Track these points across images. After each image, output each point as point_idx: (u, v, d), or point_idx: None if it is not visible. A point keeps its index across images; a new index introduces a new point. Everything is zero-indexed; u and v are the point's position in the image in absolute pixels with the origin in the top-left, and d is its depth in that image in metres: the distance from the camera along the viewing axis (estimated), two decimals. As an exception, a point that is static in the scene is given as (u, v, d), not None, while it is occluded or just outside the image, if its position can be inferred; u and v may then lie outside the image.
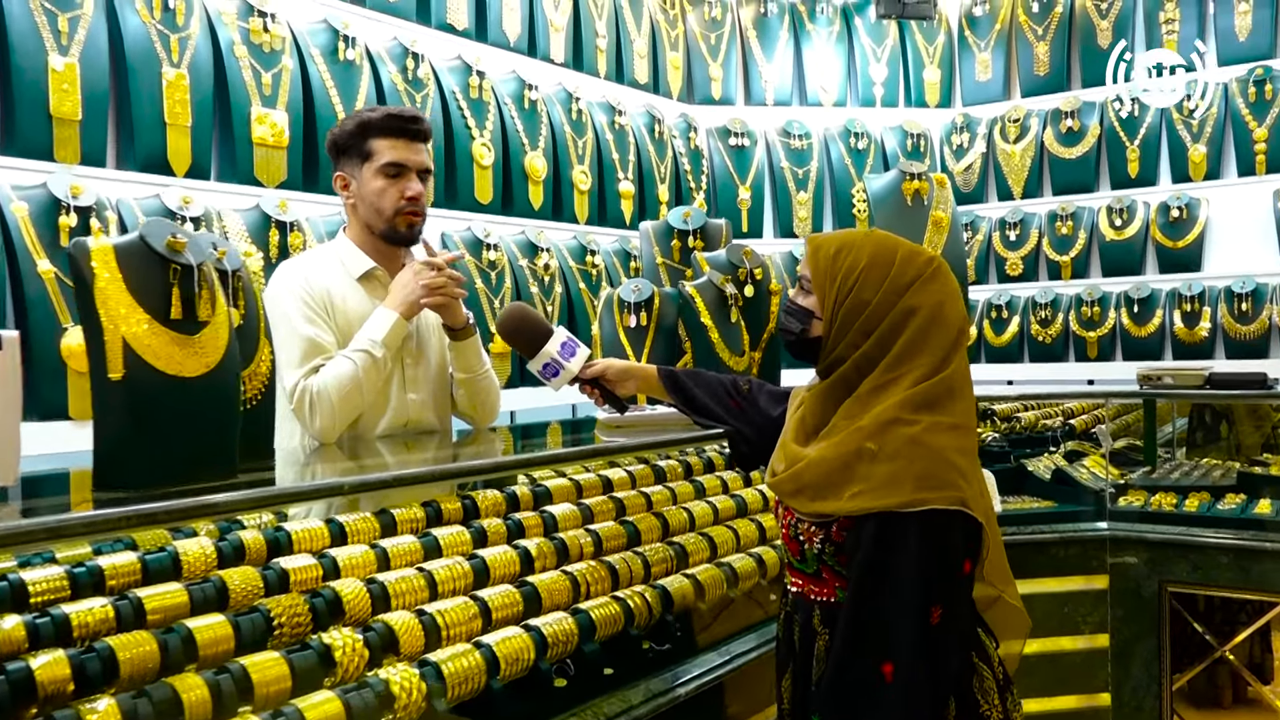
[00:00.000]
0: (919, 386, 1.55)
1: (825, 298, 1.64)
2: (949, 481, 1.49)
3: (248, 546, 1.84)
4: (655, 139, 5.16)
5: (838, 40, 5.98)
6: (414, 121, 2.31)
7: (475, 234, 4.03)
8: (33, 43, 2.80)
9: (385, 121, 2.28)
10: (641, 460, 2.75)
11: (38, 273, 2.69)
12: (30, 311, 2.68)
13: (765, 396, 2.20)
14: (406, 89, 3.87)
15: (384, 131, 2.28)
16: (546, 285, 4.24)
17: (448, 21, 4.19)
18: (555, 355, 2.23)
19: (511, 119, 4.33)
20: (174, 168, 3.10)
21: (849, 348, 1.60)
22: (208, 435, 1.55)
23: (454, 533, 2.01)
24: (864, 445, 1.54)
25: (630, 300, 3.07)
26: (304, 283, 2.28)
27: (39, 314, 2.68)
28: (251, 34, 3.34)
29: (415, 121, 2.32)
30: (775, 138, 5.76)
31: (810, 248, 1.73)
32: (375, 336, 2.26)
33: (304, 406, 2.22)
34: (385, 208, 2.29)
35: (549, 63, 4.68)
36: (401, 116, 2.30)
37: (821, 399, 1.68)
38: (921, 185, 3.92)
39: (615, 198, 4.87)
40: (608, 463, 2.70)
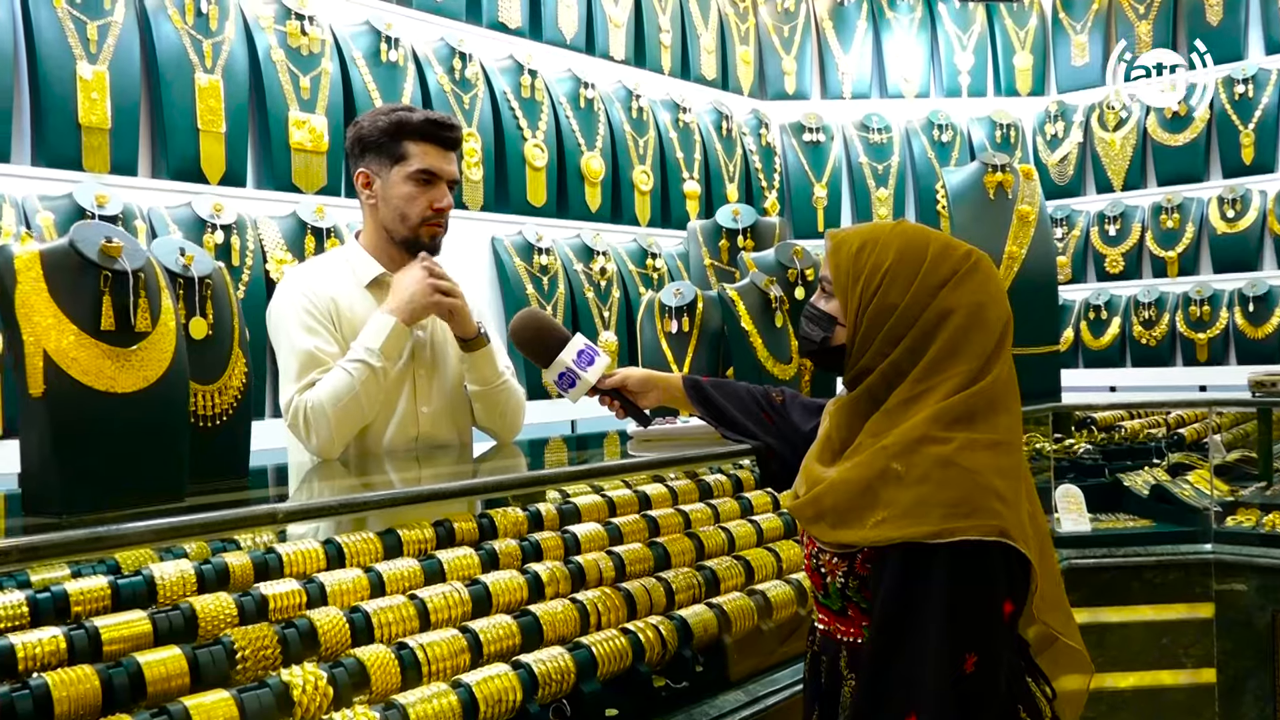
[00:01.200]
0: (953, 399, 1.38)
1: (848, 301, 1.47)
2: (985, 508, 1.31)
3: (233, 570, 1.72)
4: (723, 137, 4.96)
5: (920, 28, 5.67)
6: (451, 129, 2.19)
7: (526, 238, 3.90)
8: (61, 52, 2.77)
9: (423, 126, 2.15)
10: (689, 474, 2.57)
11: (62, 284, 2.64)
12: (54, 323, 2.63)
13: (799, 409, 2.01)
14: (454, 90, 3.77)
15: (420, 135, 2.15)
16: (603, 290, 4.08)
17: (499, 20, 4.07)
18: (571, 364, 2.06)
19: (566, 119, 4.19)
20: (207, 175, 3.04)
21: (876, 357, 1.44)
22: (148, 456, 1.43)
23: (461, 556, 1.86)
24: (889, 466, 1.37)
25: (671, 305, 2.88)
26: (307, 290, 2.17)
27: (63, 325, 2.64)
28: (289, 37, 3.28)
29: (452, 130, 2.20)
30: (853, 132, 5.49)
31: (830, 245, 1.55)
32: (372, 344, 2.12)
33: (299, 423, 2.10)
34: (411, 215, 2.17)
35: (608, 60, 4.52)
36: (440, 123, 2.17)
37: (847, 414, 1.51)
38: (1005, 177, 3.64)
39: (680, 198, 4.68)
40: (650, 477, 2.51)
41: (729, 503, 2.46)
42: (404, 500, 1.53)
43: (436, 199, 2.18)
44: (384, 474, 2.18)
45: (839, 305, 1.48)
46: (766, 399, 2.04)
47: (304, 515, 1.37)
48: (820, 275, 1.58)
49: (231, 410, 1.73)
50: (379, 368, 2.11)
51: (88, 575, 1.66)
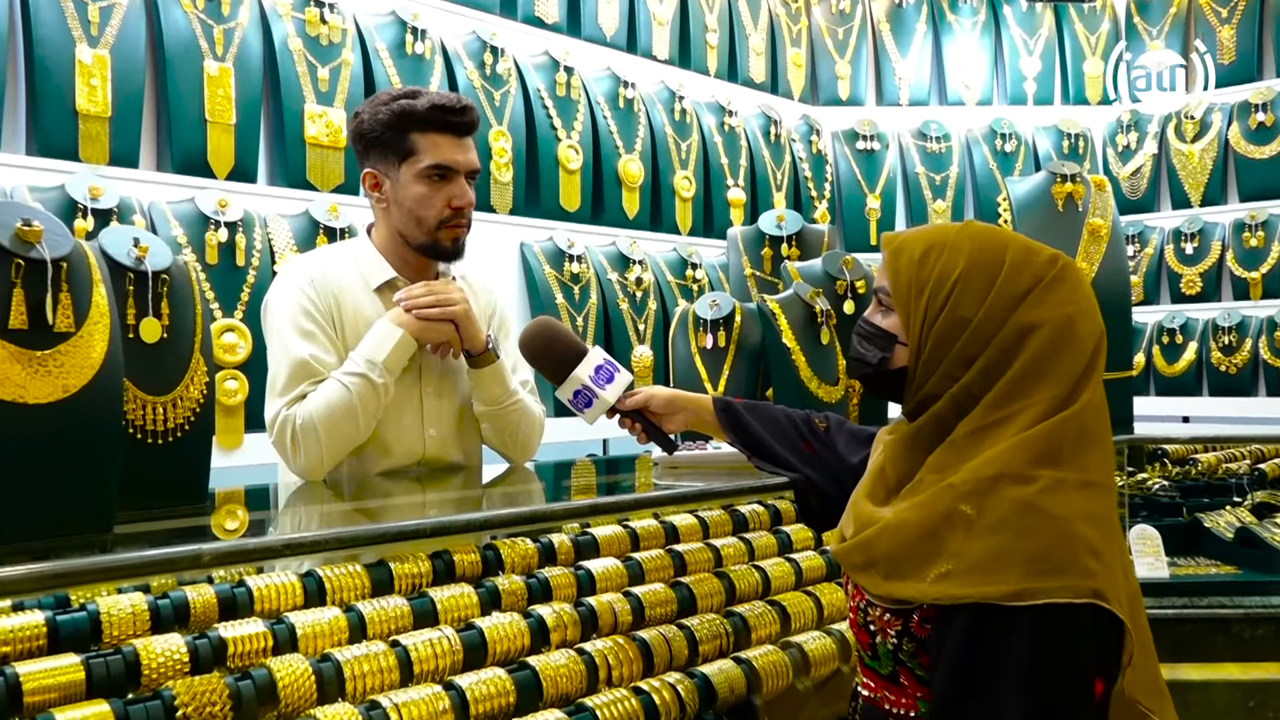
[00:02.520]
0: (1035, 429, 1.17)
1: (910, 316, 1.27)
2: (1076, 564, 1.11)
3: (193, 606, 1.49)
4: (771, 142, 4.70)
5: (983, 31, 5.37)
6: (463, 113, 1.94)
7: (557, 244, 3.66)
8: (59, 34, 2.59)
9: (430, 114, 1.91)
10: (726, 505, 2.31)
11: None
12: (39, 323, 2.45)
13: (845, 438, 1.77)
14: (484, 85, 3.55)
15: (428, 125, 1.91)
16: (638, 301, 3.83)
17: (536, 15, 3.86)
18: (587, 381, 1.82)
19: (604, 119, 3.96)
20: (214, 169, 2.85)
21: (943, 381, 1.24)
22: (68, 480, 1.21)
23: (457, 594, 1.61)
24: (957, 508, 1.17)
25: (707, 317, 2.62)
26: (307, 287, 1.94)
27: (49, 326, 2.45)
28: (308, 25, 3.09)
29: (464, 113, 1.94)
30: (910, 141, 5.20)
31: (888, 251, 1.34)
32: (374, 357, 1.89)
33: (284, 440, 1.88)
34: (428, 218, 1.93)
35: (650, 59, 4.29)
36: (449, 107, 1.92)
37: (906, 445, 1.30)
38: (1075, 188, 3.38)
39: (723, 206, 4.42)
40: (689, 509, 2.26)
41: (765, 537, 2.19)
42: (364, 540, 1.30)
43: (454, 196, 1.94)
44: (373, 501, 1.95)
45: (899, 321, 1.29)
46: (808, 425, 1.81)
47: (235, 558, 1.14)
48: (876, 286, 1.36)
49: (188, 425, 1.51)
50: (380, 383, 1.88)
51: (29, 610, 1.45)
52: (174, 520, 1.46)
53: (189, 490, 1.52)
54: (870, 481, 1.38)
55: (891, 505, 1.27)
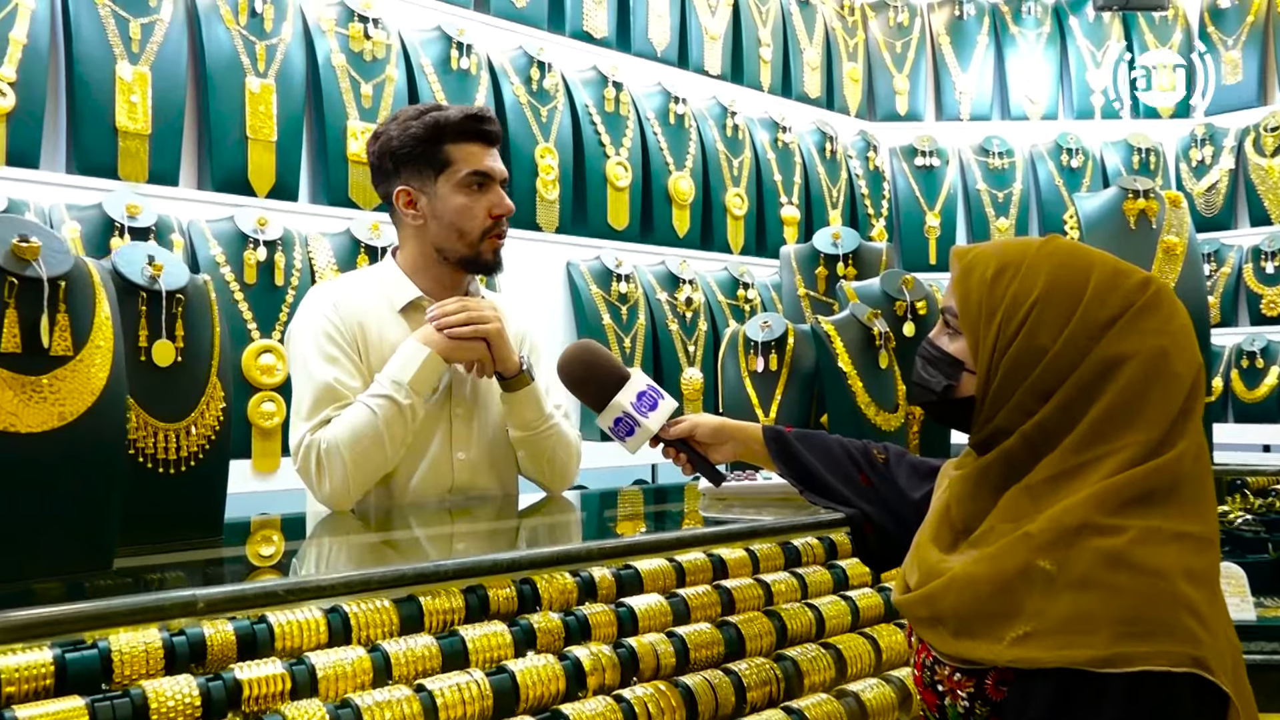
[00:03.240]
0: (1125, 475, 1.05)
1: (980, 341, 1.15)
2: (1173, 626, 0.99)
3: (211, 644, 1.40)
4: (826, 159, 4.56)
5: (1048, 43, 5.18)
6: (492, 122, 1.91)
7: (604, 263, 3.56)
8: (100, 51, 2.56)
9: (464, 124, 1.86)
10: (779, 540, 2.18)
11: (85, 300, 2.41)
12: (74, 343, 2.40)
13: (906, 471, 1.64)
14: (530, 101, 3.47)
15: (462, 135, 1.86)
16: (688, 322, 3.72)
17: (584, 29, 3.78)
18: (629, 408, 1.71)
19: (654, 135, 3.86)
20: (255, 187, 2.80)
21: (1016, 415, 1.12)
22: (64, 513, 1.12)
23: (490, 633, 1.50)
24: (1035, 563, 1.05)
25: (758, 339, 2.49)
26: (330, 312, 1.88)
27: (84, 346, 2.40)
28: (351, 41, 3.03)
29: (493, 121, 1.91)
30: (971, 156, 5.02)
31: (958, 267, 1.21)
32: (401, 378, 1.81)
33: (309, 466, 1.80)
34: (471, 229, 1.87)
35: (702, 74, 4.19)
36: (480, 116, 1.89)
37: (973, 484, 1.18)
38: (1148, 204, 3.22)
39: (777, 224, 4.30)
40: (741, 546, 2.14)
41: (819, 573, 2.05)
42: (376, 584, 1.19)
43: (494, 204, 1.88)
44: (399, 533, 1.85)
45: (967, 345, 1.17)
46: (865, 457, 1.68)
47: (232, 605, 1.04)
48: (943, 306, 1.24)
49: (202, 453, 1.42)
50: (406, 405, 1.80)
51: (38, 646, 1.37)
52: (183, 554, 1.37)
53: (203, 523, 1.43)
54: (935, 523, 1.25)
55: (960, 553, 1.16)
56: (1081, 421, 1.07)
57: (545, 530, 2.01)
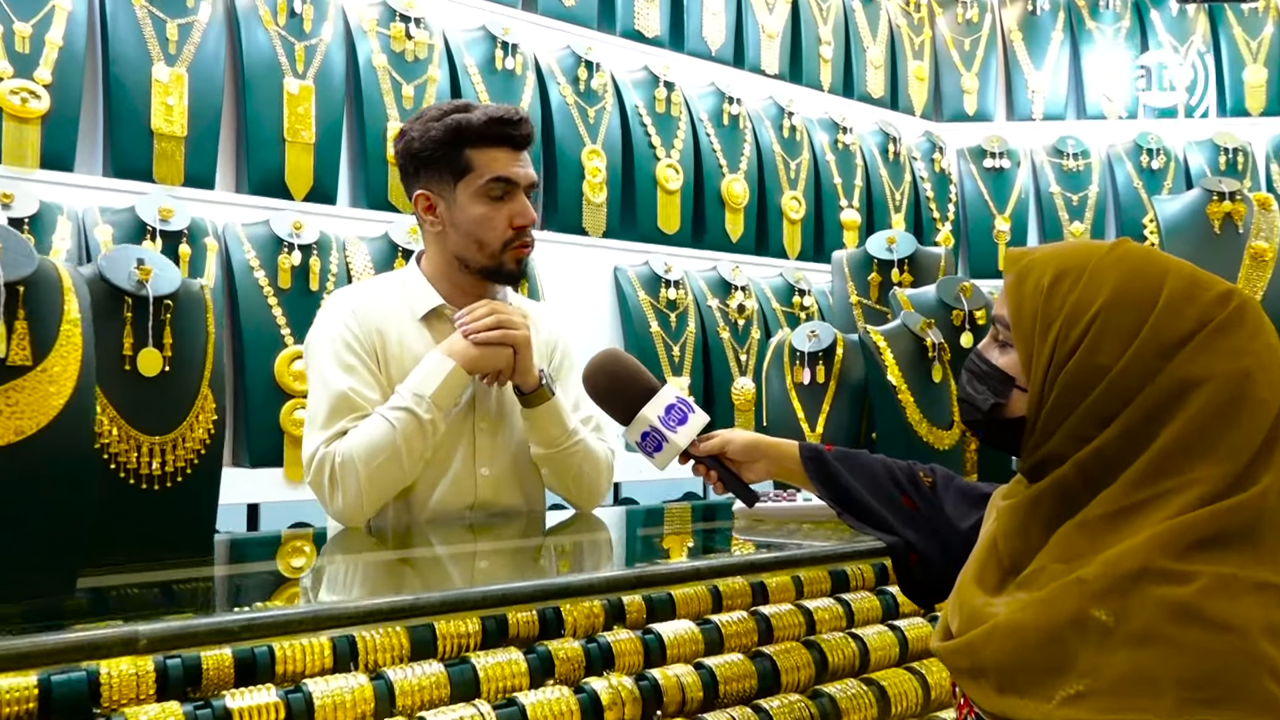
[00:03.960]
0: (1195, 514, 0.92)
1: (1033, 356, 1.03)
2: (1251, 691, 0.87)
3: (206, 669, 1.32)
4: (889, 161, 4.39)
5: (1127, 39, 4.93)
6: (520, 124, 1.79)
7: (653, 269, 3.45)
8: (136, 53, 2.54)
9: (487, 127, 1.75)
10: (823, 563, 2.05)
11: (116, 305, 2.38)
12: (104, 348, 2.37)
13: (954, 497, 1.51)
14: (577, 102, 3.38)
15: (484, 139, 1.76)
16: (740, 330, 3.58)
17: (635, 28, 3.68)
18: (656, 422, 1.60)
19: (707, 137, 3.73)
20: (292, 190, 2.75)
21: (1070, 441, 1.01)
22: (22, 535, 1.05)
23: (505, 661, 1.40)
24: (1089, 612, 0.93)
25: (804, 349, 2.36)
26: (349, 319, 1.80)
27: (115, 351, 2.37)
28: (393, 41, 2.97)
29: (521, 124, 1.79)
30: (1044, 158, 4.80)
31: (1012, 273, 1.09)
32: (422, 390, 1.72)
33: (321, 480, 1.72)
34: (491, 240, 1.78)
35: (758, 74, 4.05)
36: (505, 119, 1.77)
37: (1022, 515, 1.07)
38: (1235, 207, 3.03)
39: (836, 228, 4.14)
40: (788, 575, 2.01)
41: (866, 599, 1.91)
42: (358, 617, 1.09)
43: (517, 214, 1.77)
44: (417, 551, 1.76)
45: (1019, 360, 1.06)
46: (911, 480, 1.55)
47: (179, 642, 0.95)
48: (994, 314, 1.11)
49: (190, 468, 1.34)
50: (427, 420, 1.71)
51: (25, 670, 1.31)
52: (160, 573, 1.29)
53: (190, 541, 1.35)
54: (980, 559, 1.12)
55: (1006, 595, 1.03)
56: (1146, 451, 0.95)
57: (571, 552, 1.90)
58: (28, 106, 2.34)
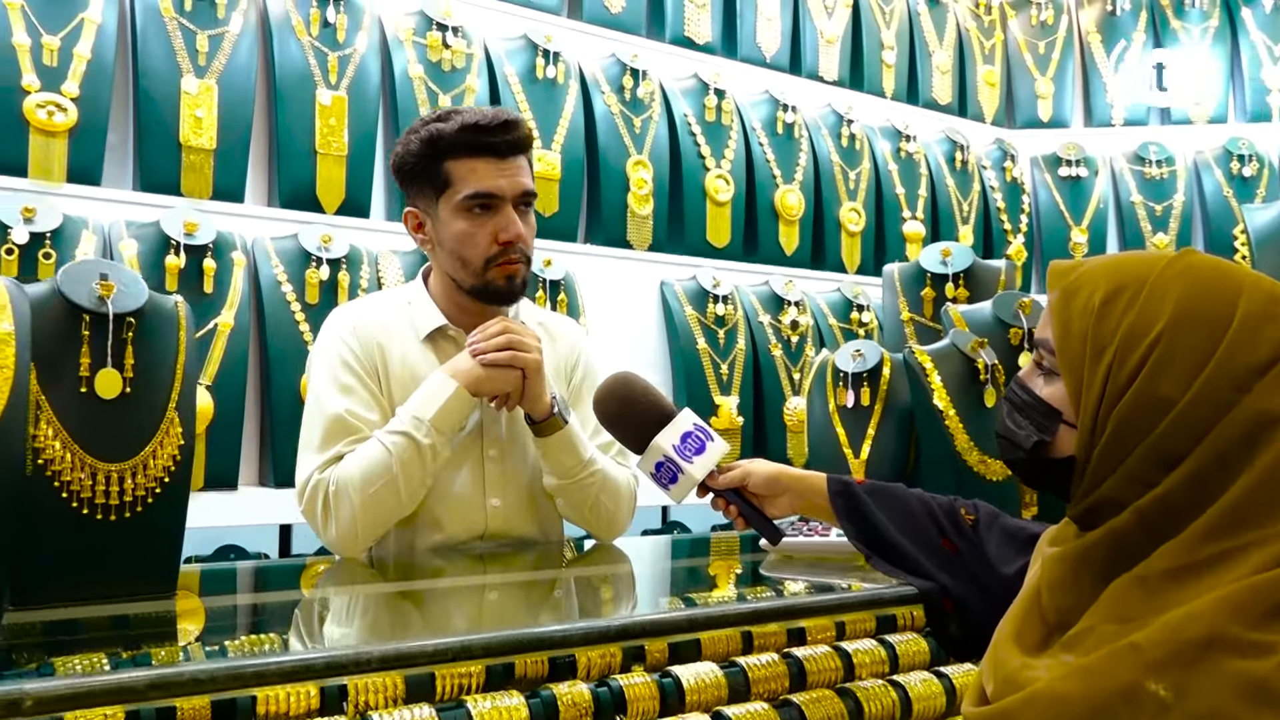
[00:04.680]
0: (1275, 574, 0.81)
1: (1084, 386, 0.92)
2: None
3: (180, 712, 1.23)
4: (956, 170, 4.19)
5: (1215, 38, 4.64)
6: (503, 129, 1.65)
7: (701, 283, 3.31)
8: (165, 65, 2.50)
9: (460, 136, 1.64)
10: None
11: (139, 321, 2.33)
12: (126, 365, 2.32)
13: (998, 538, 1.38)
14: (623, 111, 3.27)
15: (461, 149, 1.64)
16: (793, 347, 3.42)
17: (685, 35, 3.55)
18: (671, 452, 1.48)
19: (760, 146, 3.59)
20: (323, 203, 2.69)
21: (1130, 485, 0.89)
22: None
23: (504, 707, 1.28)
24: (1144, 684, 0.82)
25: (848, 370, 2.19)
26: (349, 336, 1.71)
27: (136, 368, 2.32)
28: (429, 50, 2.90)
29: (505, 129, 1.66)
30: (1124, 166, 4.53)
31: (1057, 288, 0.98)
32: (422, 414, 1.61)
33: (315, 508, 1.62)
34: (473, 258, 1.66)
35: (816, 80, 3.89)
36: (483, 126, 1.64)
37: (1072, 569, 0.95)
38: None
39: (898, 241, 3.95)
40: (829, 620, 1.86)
41: (914, 643, 1.74)
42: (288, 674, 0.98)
43: (500, 229, 1.65)
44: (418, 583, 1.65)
45: (1066, 390, 0.94)
46: (951, 518, 1.41)
47: (69, 703, 0.84)
48: (1037, 338, 1.00)
49: (152, 497, 1.25)
50: (426, 445, 1.60)
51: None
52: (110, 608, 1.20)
53: (151, 575, 1.26)
54: (1021, 612, 0.99)
55: (1049, 657, 0.91)
56: (1219, 499, 0.83)
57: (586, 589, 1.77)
58: (54, 120, 2.32)
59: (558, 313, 1.97)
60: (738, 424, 3.22)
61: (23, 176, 2.31)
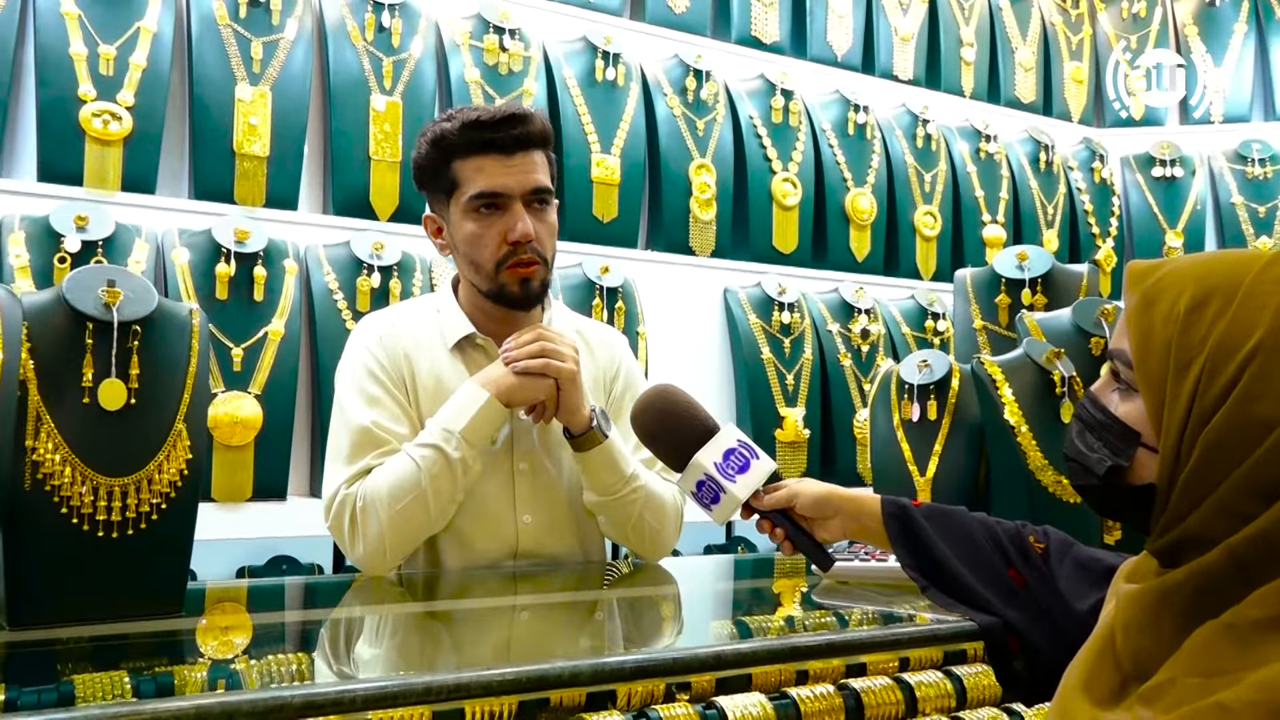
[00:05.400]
0: None
1: (1166, 405, 0.82)
2: None
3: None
4: (1040, 171, 3.98)
5: (1325, 28, 4.34)
6: (506, 124, 1.57)
7: (766, 290, 3.19)
8: (220, 72, 2.49)
9: (462, 135, 1.57)
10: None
11: (189, 329, 2.32)
12: (176, 373, 2.31)
13: (1071, 570, 1.30)
14: (685, 114, 3.18)
15: (466, 149, 1.58)
16: (864, 357, 3.28)
17: (752, 34, 3.44)
18: (712, 470, 1.39)
19: (829, 148, 3.46)
20: (377, 210, 2.65)
21: (1220, 518, 0.80)
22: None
23: None
24: None
25: (914, 382, 2.06)
26: (375, 346, 1.66)
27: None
28: (486, 54, 2.85)
29: (510, 123, 1.58)
30: (1224, 165, 4.26)
31: (1135, 293, 0.87)
32: (452, 426, 1.54)
33: (341, 524, 1.57)
34: (483, 261, 1.59)
35: (890, 79, 3.74)
36: (484, 123, 1.57)
37: (1152, 610, 0.86)
38: None
39: (977, 246, 3.77)
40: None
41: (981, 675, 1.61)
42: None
43: (508, 229, 1.57)
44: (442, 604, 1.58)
45: (1145, 409, 0.85)
46: (1019, 546, 1.31)
47: None
48: (1112, 348, 0.90)
49: (157, 514, 1.20)
50: (456, 458, 1.53)
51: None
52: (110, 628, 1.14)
53: (156, 595, 1.20)
54: (1093, 656, 0.90)
55: (1123, 710, 0.81)
56: None
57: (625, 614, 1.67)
58: (109, 129, 2.32)
59: (594, 319, 1.88)
60: (804, 437, 3.09)
61: (78, 185, 2.31)
